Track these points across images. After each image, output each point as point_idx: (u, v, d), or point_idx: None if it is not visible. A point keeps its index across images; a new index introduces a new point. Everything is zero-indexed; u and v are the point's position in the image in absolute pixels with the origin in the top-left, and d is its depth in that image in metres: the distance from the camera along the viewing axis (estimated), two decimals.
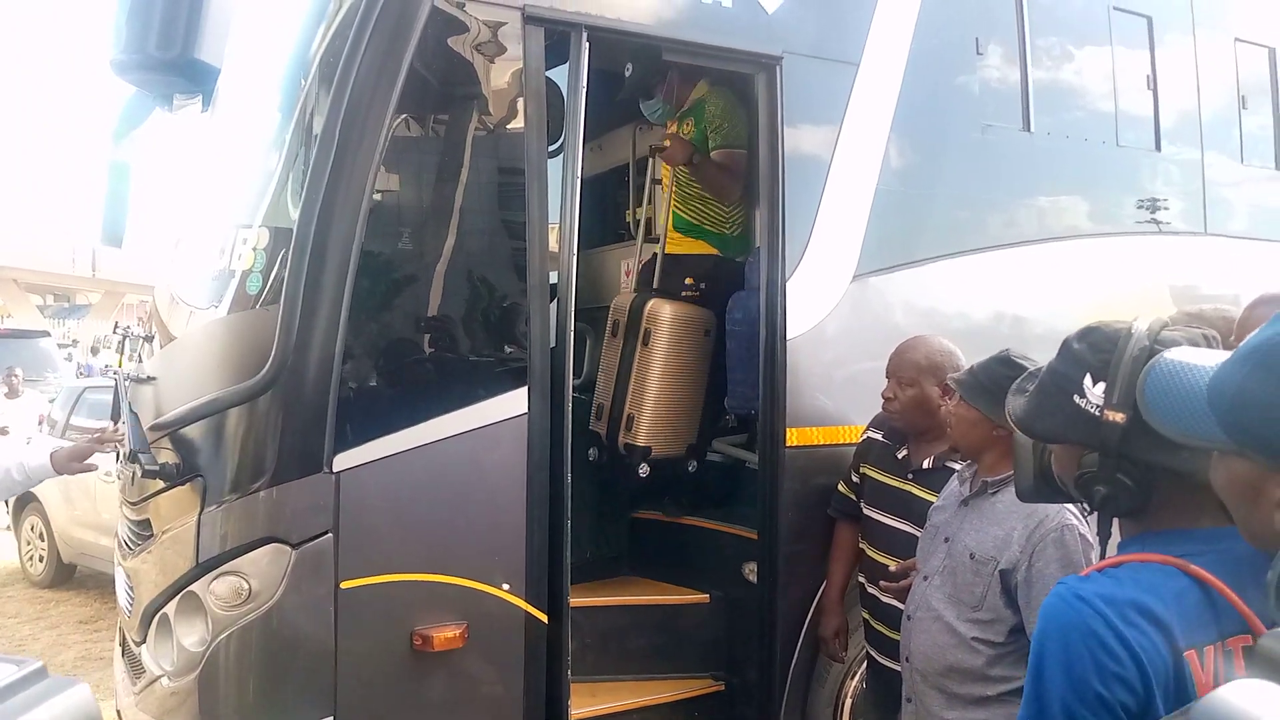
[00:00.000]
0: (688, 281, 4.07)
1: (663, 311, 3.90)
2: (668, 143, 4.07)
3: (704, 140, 4.06)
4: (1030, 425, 1.50)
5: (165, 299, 3.53)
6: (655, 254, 4.27)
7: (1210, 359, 1.16)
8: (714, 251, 4.14)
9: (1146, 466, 1.32)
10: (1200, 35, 4.57)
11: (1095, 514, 1.44)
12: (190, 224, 3.58)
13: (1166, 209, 4.38)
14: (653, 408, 3.87)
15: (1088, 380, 1.37)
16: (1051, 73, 4.14)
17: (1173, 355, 1.20)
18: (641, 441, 3.86)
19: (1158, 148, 4.40)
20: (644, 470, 3.88)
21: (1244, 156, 4.70)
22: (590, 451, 4.03)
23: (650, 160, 5.17)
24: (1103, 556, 1.45)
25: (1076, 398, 1.38)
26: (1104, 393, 1.34)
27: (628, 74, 3.99)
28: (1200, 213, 4.49)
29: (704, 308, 4.02)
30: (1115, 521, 1.44)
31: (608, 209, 5.38)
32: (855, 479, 3.28)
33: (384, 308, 2.98)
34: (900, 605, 2.70)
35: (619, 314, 4.04)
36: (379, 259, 2.95)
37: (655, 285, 4.18)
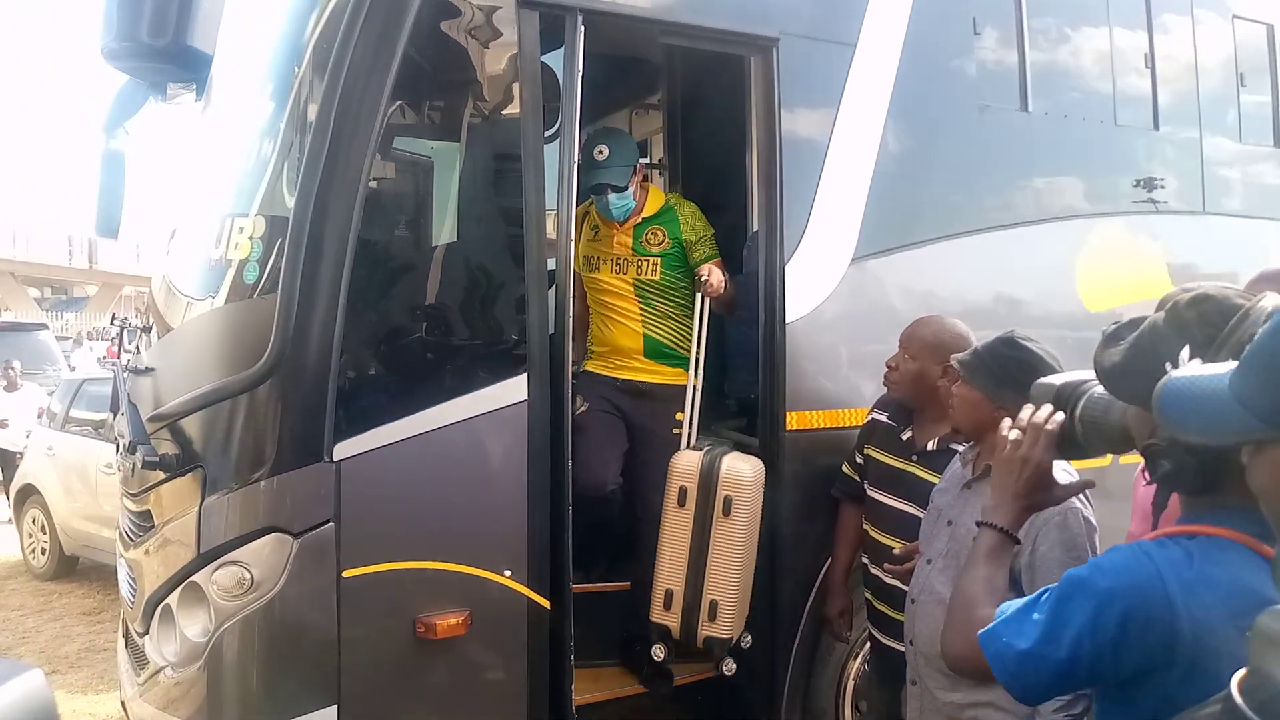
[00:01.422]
0: (679, 418, 3.61)
1: (743, 472, 3.35)
2: (710, 277, 3.50)
3: (679, 252, 3.69)
4: (1115, 382, 1.44)
5: (162, 290, 3.52)
6: (623, 381, 3.76)
7: (1215, 369, 1.16)
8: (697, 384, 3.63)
9: (1221, 450, 1.26)
10: (1198, 12, 4.54)
11: (1154, 485, 1.42)
12: (186, 214, 3.57)
13: (1164, 188, 4.37)
14: (741, 589, 3.36)
15: (1186, 352, 1.30)
16: (1049, 52, 4.12)
17: (1179, 372, 1.20)
18: (725, 633, 3.36)
19: (1156, 127, 4.38)
20: (730, 667, 3.44)
21: (1242, 134, 4.69)
22: (655, 650, 3.44)
23: (650, 151, 5.15)
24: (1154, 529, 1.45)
25: (1169, 366, 1.30)
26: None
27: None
28: (1198, 191, 4.48)
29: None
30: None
31: None
32: (859, 460, 3.27)
33: (382, 295, 2.97)
34: (904, 587, 2.70)
35: (685, 478, 3.39)
36: (376, 246, 2.94)
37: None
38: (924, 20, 3.71)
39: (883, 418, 3.21)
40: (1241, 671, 0.97)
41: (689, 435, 3.56)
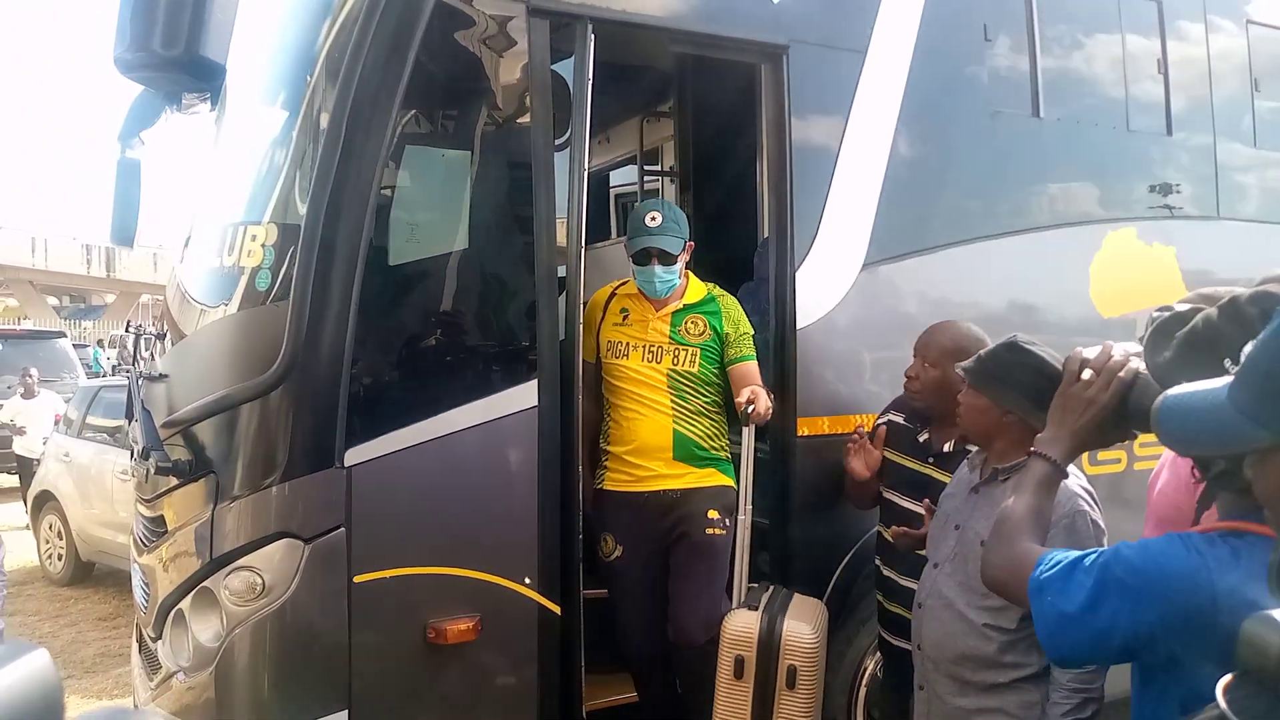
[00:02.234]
0: (712, 515, 3.35)
1: (806, 636, 3.03)
2: (752, 401, 3.12)
3: (718, 345, 3.38)
4: (1168, 379, 1.40)
5: (176, 296, 3.55)
6: (649, 494, 3.35)
7: (1210, 383, 1.16)
8: (730, 483, 3.39)
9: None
10: (1211, 17, 4.52)
11: (1203, 483, 1.43)
12: (200, 221, 3.60)
13: (1179, 193, 4.35)
14: None
15: (1248, 349, 1.25)
16: (1061, 58, 4.10)
17: (1173, 390, 1.22)
18: None
19: (1169, 132, 4.36)
20: None
21: (1257, 140, 4.66)
22: None
23: (661, 159, 5.16)
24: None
25: (1228, 363, 1.28)
26: None
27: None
28: (1213, 197, 4.45)
29: None
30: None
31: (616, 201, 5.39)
32: None
33: (393, 302, 2.99)
34: (911, 585, 2.69)
35: (741, 647, 3.03)
36: (387, 254, 2.95)
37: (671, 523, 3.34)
38: (934, 26, 3.70)
39: (899, 419, 3.20)
40: (1227, 677, 0.97)
41: (740, 590, 3.19)
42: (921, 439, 3.07)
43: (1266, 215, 4.63)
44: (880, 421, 3.29)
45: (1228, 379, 1.14)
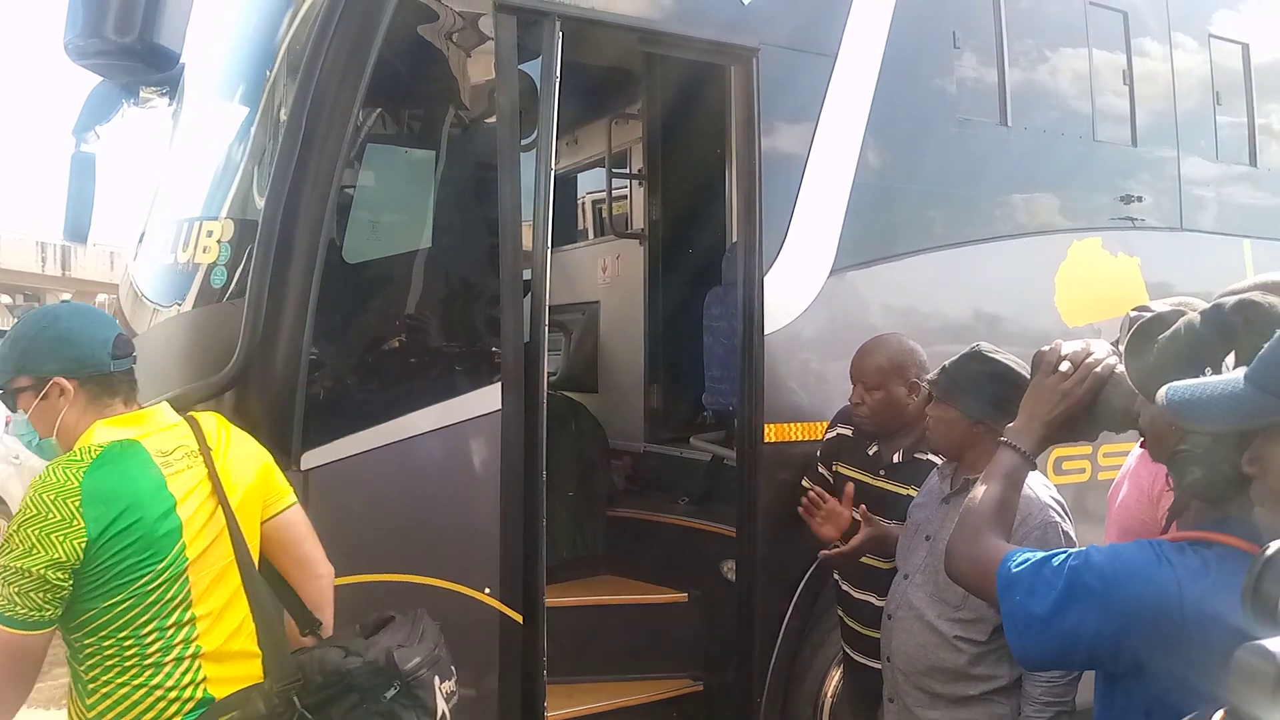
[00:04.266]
0: None
1: None
2: None
3: None
4: (1146, 381, 1.40)
5: (129, 293, 3.45)
6: None
7: (1219, 377, 1.16)
8: None
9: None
10: (1175, 31, 4.57)
11: (1174, 489, 1.43)
12: (155, 217, 3.50)
13: (1142, 204, 4.38)
14: None
15: (1230, 359, 1.29)
16: (1028, 67, 4.12)
17: (1176, 383, 1.20)
18: None
19: (1134, 143, 4.39)
20: None
21: (1219, 153, 4.71)
22: None
23: (629, 162, 5.11)
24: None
25: (1209, 372, 1.29)
26: None
27: None
28: (1176, 208, 4.49)
29: None
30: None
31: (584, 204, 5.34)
32: (827, 476, 3.23)
33: (353, 302, 2.92)
34: (876, 602, 2.66)
35: None
36: (347, 253, 2.88)
37: None
38: (904, 33, 3.70)
39: (848, 432, 3.17)
40: (1220, 713, 0.94)
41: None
42: (871, 452, 3.03)
43: (1227, 228, 4.68)
44: (830, 435, 3.27)
45: (1232, 375, 1.12)
